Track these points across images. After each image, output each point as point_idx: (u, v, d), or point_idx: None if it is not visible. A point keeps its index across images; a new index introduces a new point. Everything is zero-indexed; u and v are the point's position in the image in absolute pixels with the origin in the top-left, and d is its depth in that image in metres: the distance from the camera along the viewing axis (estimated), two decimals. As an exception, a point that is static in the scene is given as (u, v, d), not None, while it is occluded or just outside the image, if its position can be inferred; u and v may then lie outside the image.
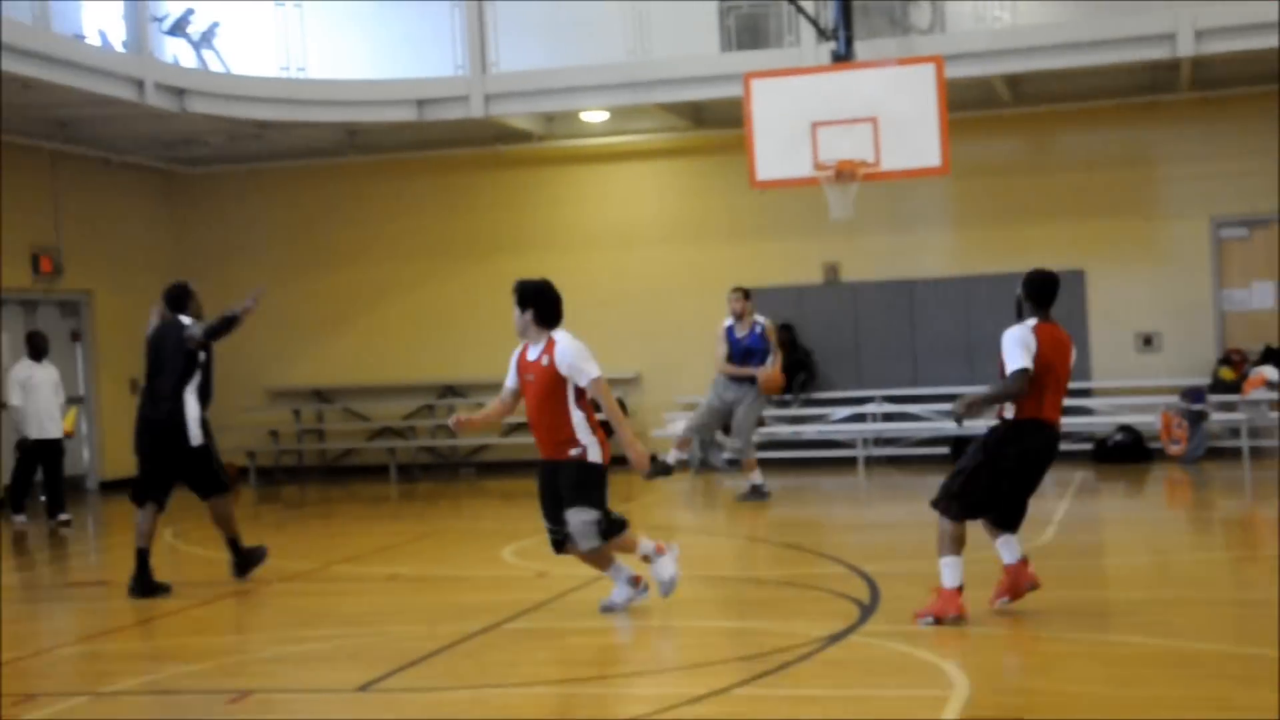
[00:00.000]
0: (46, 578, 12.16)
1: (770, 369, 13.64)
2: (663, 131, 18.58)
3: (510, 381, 8.27)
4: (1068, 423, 16.08)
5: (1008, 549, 7.88)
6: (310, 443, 19.64)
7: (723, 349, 13.78)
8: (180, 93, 16.05)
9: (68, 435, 14.88)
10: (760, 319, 13.84)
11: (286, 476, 18.97)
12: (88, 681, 7.18)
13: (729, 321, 13.82)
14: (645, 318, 18.73)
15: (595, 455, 8.06)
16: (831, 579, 9.30)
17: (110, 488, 18.00)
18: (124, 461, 17.68)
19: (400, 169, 19.31)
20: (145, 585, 9.60)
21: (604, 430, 8.17)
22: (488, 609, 8.65)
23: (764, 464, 17.77)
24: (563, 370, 8.00)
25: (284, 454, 19.35)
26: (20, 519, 14.61)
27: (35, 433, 14.46)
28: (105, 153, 18.10)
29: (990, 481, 7.59)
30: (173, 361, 9.53)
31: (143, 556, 9.65)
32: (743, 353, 13.75)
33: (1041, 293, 7.67)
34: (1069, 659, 6.88)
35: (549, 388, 8.03)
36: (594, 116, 18.10)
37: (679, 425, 17.83)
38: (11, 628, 9.65)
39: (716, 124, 17.88)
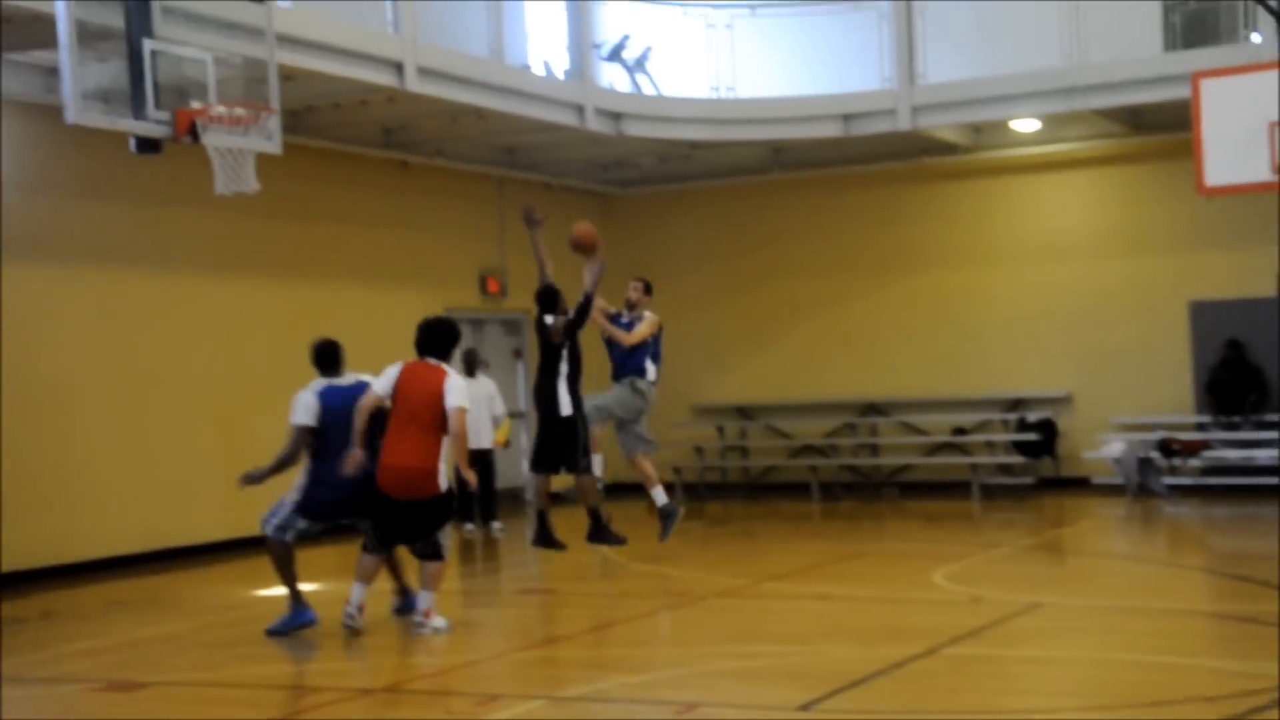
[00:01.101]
0: (496, 584, 12.85)
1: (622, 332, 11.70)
2: (1097, 138, 17.77)
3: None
4: None
5: None
6: (734, 459, 19.91)
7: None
8: (617, 116, 16.68)
9: (502, 446, 15.60)
10: (647, 314, 11.79)
11: (711, 492, 19.27)
12: (544, 686, 7.47)
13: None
14: (1077, 335, 17.97)
15: None
16: (1300, 618, 8.59)
17: (547, 498, 18.79)
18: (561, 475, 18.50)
19: (824, 184, 19.32)
20: (543, 538, 10.91)
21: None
22: (923, 632, 8.48)
23: (1209, 490, 16.78)
24: None
25: (708, 470, 19.68)
26: (469, 527, 15.51)
27: (470, 443, 15.12)
28: (546, 177, 18.99)
29: None
30: (548, 358, 10.91)
31: (540, 516, 10.98)
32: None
33: None
34: None
35: None
36: (1025, 125, 17.52)
37: (1114, 448, 17.03)
38: (472, 631, 10.25)
39: (1156, 129, 16.95)
